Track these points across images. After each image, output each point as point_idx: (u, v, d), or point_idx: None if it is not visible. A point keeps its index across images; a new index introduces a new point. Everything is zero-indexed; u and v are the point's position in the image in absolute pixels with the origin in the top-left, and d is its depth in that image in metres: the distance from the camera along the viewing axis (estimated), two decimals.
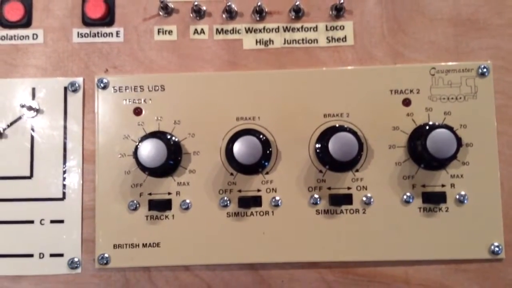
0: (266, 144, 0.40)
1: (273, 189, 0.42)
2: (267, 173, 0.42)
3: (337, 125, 0.41)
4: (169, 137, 0.42)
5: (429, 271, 0.41)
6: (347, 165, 0.40)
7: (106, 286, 0.42)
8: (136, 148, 0.40)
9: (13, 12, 0.44)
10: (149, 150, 0.40)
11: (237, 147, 0.40)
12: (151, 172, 0.42)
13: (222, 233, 0.42)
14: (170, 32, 0.44)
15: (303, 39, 0.44)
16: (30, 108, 0.43)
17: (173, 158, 0.41)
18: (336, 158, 0.39)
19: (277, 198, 0.42)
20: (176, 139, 0.42)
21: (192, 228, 0.42)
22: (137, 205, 0.42)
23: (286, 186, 0.42)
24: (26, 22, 0.44)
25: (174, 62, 0.44)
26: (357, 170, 0.42)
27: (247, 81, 0.43)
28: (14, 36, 0.44)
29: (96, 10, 0.44)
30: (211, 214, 0.42)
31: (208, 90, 0.43)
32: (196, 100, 0.43)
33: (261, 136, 0.40)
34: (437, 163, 0.40)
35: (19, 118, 0.43)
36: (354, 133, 0.39)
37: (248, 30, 0.44)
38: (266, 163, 0.42)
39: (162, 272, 0.42)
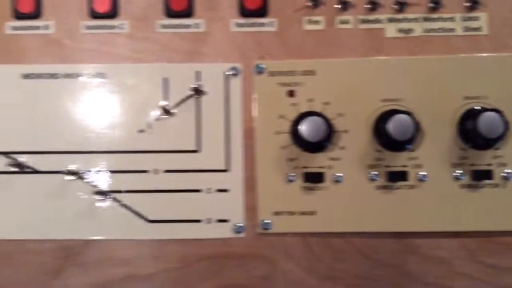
0: (416, 122, 0.45)
1: (418, 165, 0.46)
2: (412, 150, 0.46)
3: (482, 106, 0.45)
4: (323, 116, 0.46)
5: None
6: (492, 142, 0.44)
7: (267, 248, 0.47)
8: (297, 125, 0.45)
9: (178, 2, 0.49)
10: (310, 127, 0.44)
11: (391, 125, 0.44)
12: (306, 147, 0.46)
13: (371, 204, 0.46)
14: (317, 22, 0.49)
15: (440, 29, 0.48)
16: (196, 90, 0.48)
17: (328, 135, 0.46)
18: (484, 135, 0.43)
19: (423, 173, 0.46)
20: (328, 118, 0.47)
21: (344, 199, 0.46)
22: (294, 177, 0.47)
23: (431, 162, 0.46)
24: (188, 12, 0.49)
25: (322, 50, 0.48)
26: (497, 148, 0.46)
27: (390, 67, 0.48)
28: (179, 25, 0.49)
29: (253, 2, 0.49)
30: (361, 186, 0.46)
31: (355, 74, 0.48)
32: (344, 84, 0.48)
33: (411, 115, 0.45)
34: None
35: (186, 98, 0.48)
36: (500, 112, 0.43)
37: (390, 20, 0.49)
38: (413, 142, 0.46)
39: (317, 238, 0.47)
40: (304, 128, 0.45)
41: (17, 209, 0.47)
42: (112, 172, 0.47)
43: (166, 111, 0.48)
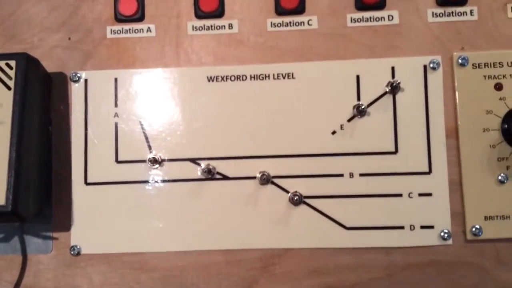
0: None
1: None
2: None
3: None
4: None
5: None
6: None
7: (477, 256, 0.43)
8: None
9: None
10: None
11: None
12: None
13: None
14: None
15: None
16: (392, 86, 0.44)
17: None
18: None
19: None
20: None
21: None
22: (505, 178, 0.43)
23: None
24: (381, 4, 0.45)
25: None
26: None
27: None
28: (370, 18, 0.45)
29: None
30: None
31: None
32: None
33: None
34: None
35: (381, 96, 0.45)
36: None
37: None
38: None
39: None
40: None
41: (211, 217, 0.45)
42: (305, 176, 0.45)
43: (360, 111, 0.45)
